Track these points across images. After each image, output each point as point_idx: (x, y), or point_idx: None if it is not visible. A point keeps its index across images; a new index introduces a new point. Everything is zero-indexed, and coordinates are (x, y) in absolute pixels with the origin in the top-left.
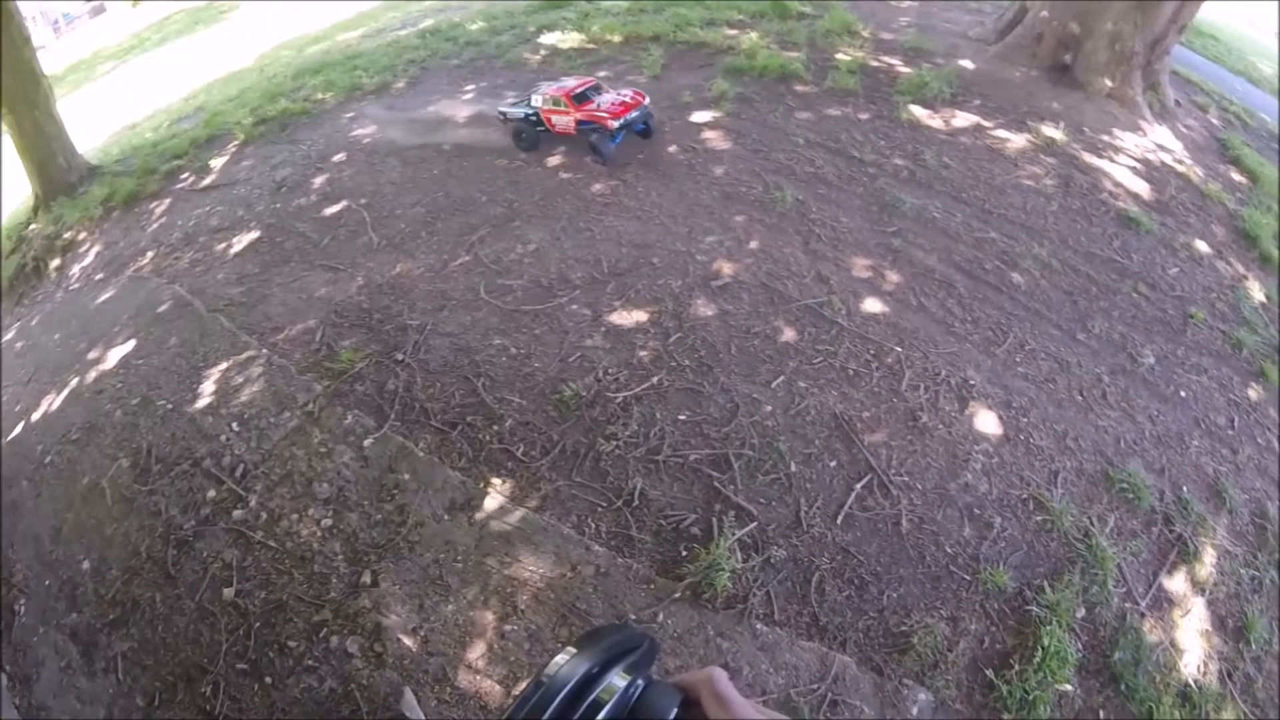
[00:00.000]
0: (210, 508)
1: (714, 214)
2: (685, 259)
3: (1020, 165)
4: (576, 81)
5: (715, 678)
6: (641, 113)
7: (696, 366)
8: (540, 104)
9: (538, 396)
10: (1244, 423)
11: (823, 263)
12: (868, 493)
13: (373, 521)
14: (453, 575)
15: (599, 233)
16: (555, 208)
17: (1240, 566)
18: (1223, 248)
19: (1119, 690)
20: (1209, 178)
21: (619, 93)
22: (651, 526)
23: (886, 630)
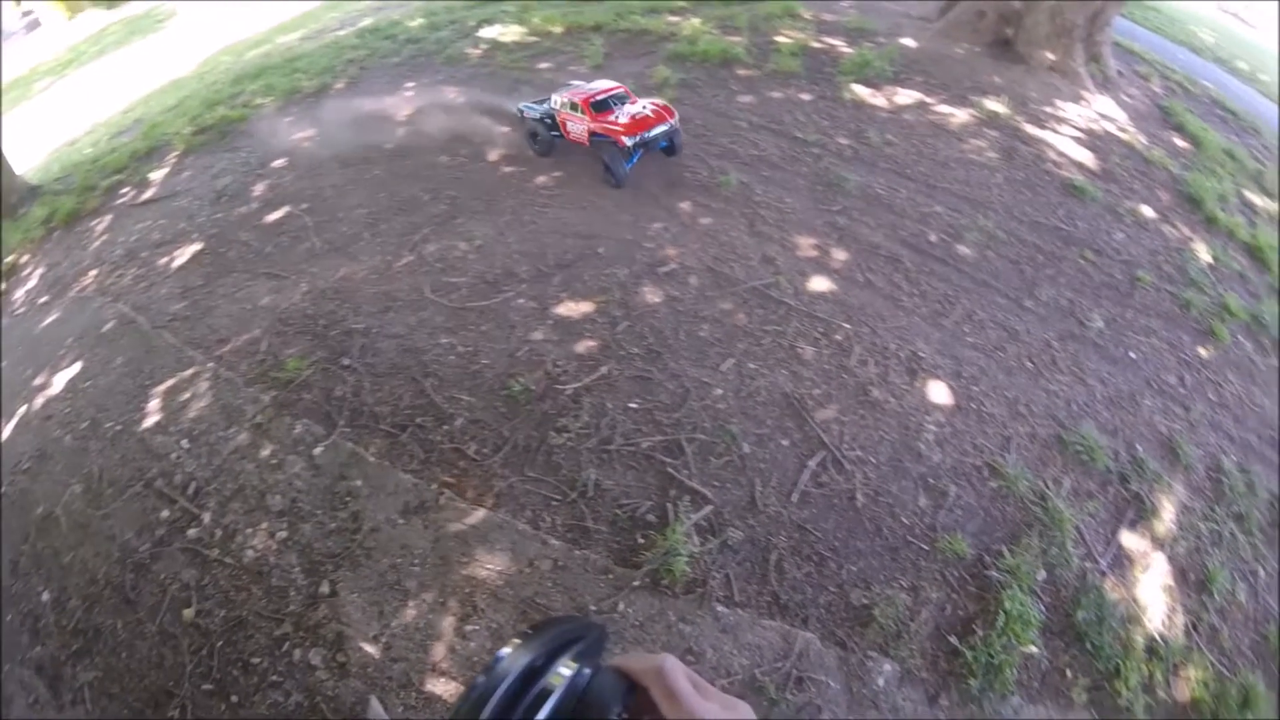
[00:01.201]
0: (165, 528)
1: (659, 201)
2: (631, 247)
3: (964, 139)
4: (602, 87)
5: (664, 671)
6: (666, 129)
7: (645, 354)
8: (557, 106)
9: (487, 393)
10: (1195, 380)
11: (769, 244)
12: (822, 469)
13: (327, 531)
14: (410, 579)
15: (544, 225)
16: (499, 202)
17: (1199, 520)
18: (1168, 212)
19: (1084, 649)
20: (1152, 144)
21: (644, 104)
22: (607, 517)
23: (848, 604)
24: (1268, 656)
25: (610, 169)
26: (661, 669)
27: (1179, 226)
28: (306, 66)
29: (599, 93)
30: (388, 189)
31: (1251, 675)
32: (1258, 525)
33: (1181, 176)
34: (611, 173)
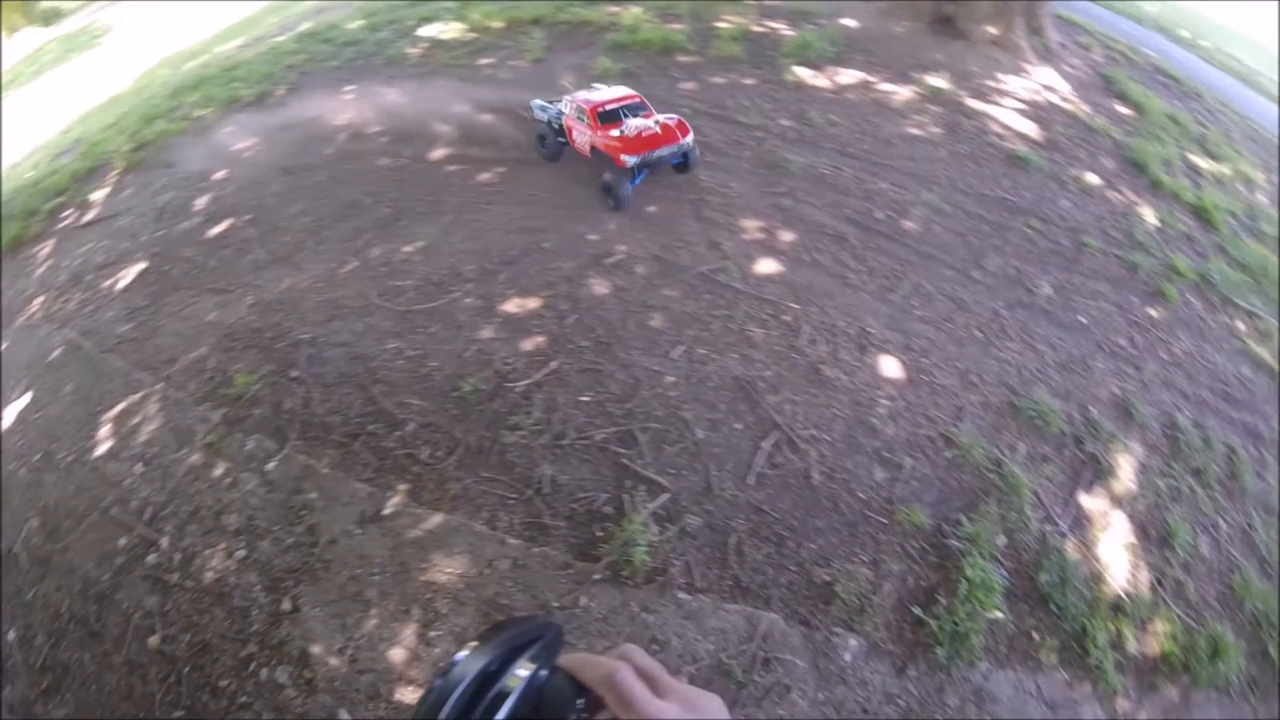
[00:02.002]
0: (124, 556)
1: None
2: (576, 240)
3: (907, 116)
4: (614, 95)
5: (617, 681)
6: (675, 151)
7: (595, 346)
8: (566, 110)
9: (437, 396)
10: (1146, 341)
11: (715, 229)
12: (776, 450)
13: (285, 546)
14: (371, 589)
15: (488, 223)
16: (442, 202)
17: (1157, 477)
18: (1113, 178)
19: (1050, 611)
20: (1096, 113)
21: (655, 120)
22: (564, 512)
23: (809, 582)
24: (1234, 607)
25: (610, 191)
26: (613, 679)
27: (1124, 192)
28: (245, 75)
29: (609, 101)
30: (330, 194)
31: (1219, 626)
32: (1216, 479)
33: (1125, 143)
34: (610, 194)
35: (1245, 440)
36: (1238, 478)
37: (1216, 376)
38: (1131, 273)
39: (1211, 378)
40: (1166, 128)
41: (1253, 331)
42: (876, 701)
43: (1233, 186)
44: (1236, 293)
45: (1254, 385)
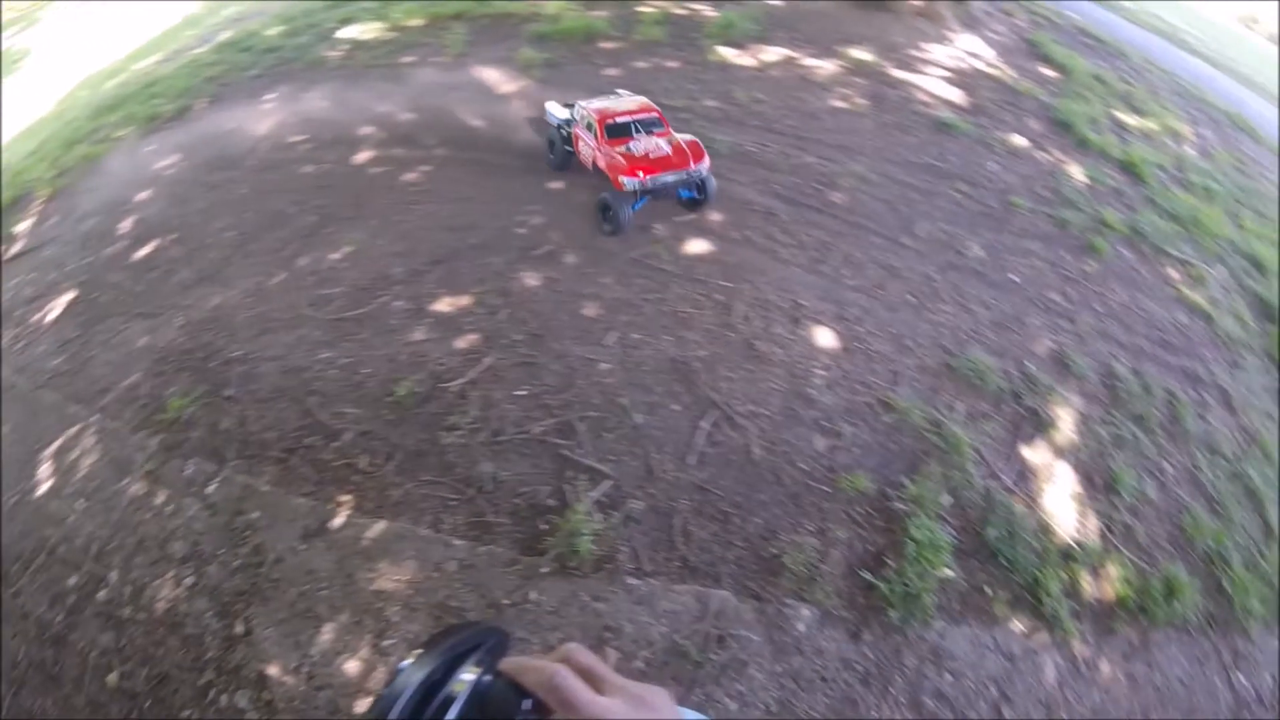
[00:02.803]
0: (75, 595)
1: (529, 182)
2: (504, 234)
3: (832, 90)
4: (629, 106)
5: (557, 684)
6: (684, 177)
7: (528, 339)
8: (576, 117)
9: (372, 403)
10: (1079, 294)
11: (646, 214)
12: (715, 428)
13: (233, 569)
14: (321, 604)
15: (415, 222)
16: (368, 205)
17: (1098, 426)
18: (1040, 138)
19: (1000, 565)
20: (1021, 76)
21: (668, 140)
22: (507, 508)
23: (757, 556)
24: (1186, 546)
25: (607, 212)
26: (552, 681)
27: (1051, 151)
28: (164, 90)
29: (620, 113)
30: (254, 206)
31: (1172, 566)
32: (1158, 424)
33: (1051, 104)
34: (607, 217)
35: (1185, 384)
36: (1179, 421)
37: (1152, 324)
38: (1062, 229)
39: (1147, 326)
40: (1092, 87)
41: (1186, 279)
42: (834, 668)
43: (1160, 140)
44: (1168, 242)
45: (1190, 331)
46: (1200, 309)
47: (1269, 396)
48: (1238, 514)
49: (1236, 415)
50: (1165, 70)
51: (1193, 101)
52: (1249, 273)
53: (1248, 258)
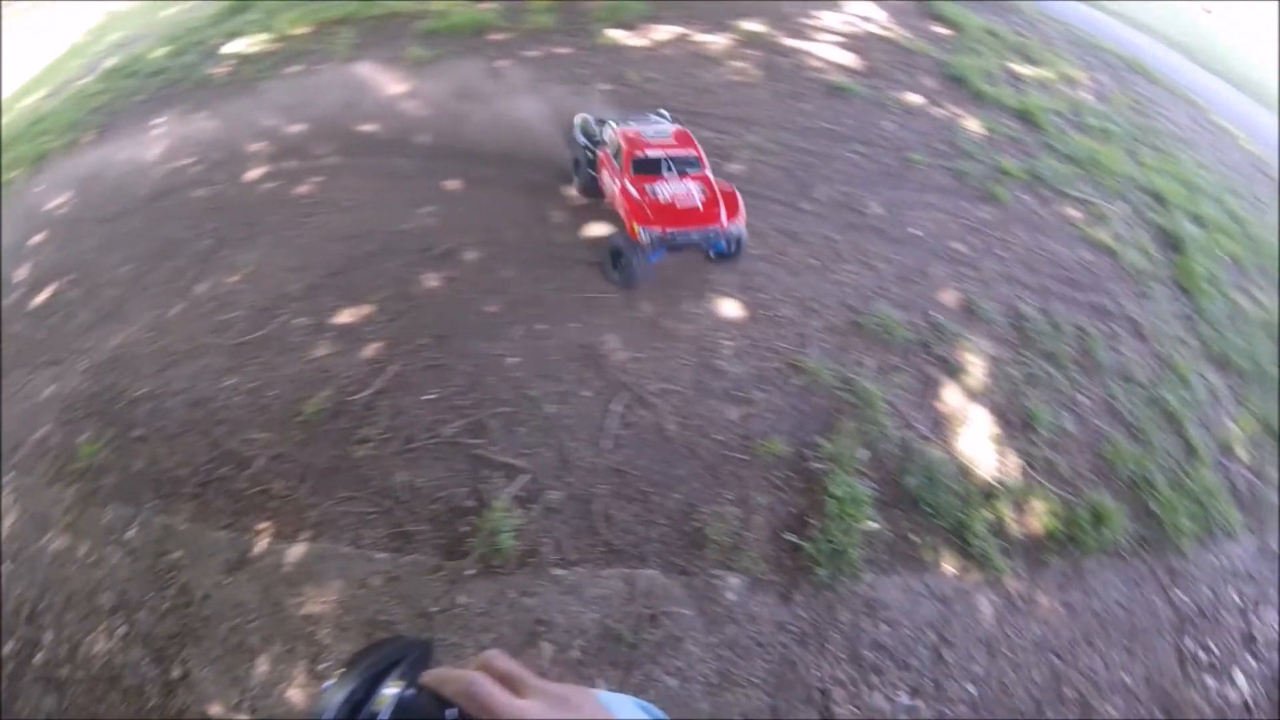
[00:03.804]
0: (13, 662)
1: (424, 183)
2: (402, 237)
3: (724, 63)
4: (664, 139)
5: (475, 692)
6: (714, 235)
7: (433, 342)
8: (606, 139)
9: (281, 425)
10: (981, 242)
11: (540, 202)
12: (627, 410)
13: (162, 613)
14: (254, 636)
15: (310, 236)
16: (262, 223)
17: (1010, 367)
18: (934, 95)
19: (923, 512)
20: (914, 36)
21: (702, 189)
22: (426, 515)
23: (680, 532)
24: (1109, 474)
25: (615, 259)
26: (470, 690)
27: (947, 106)
28: (52, 126)
29: (653, 145)
30: (148, 237)
31: (1098, 495)
32: (1069, 359)
33: (945, 60)
34: (617, 264)
35: (1094, 318)
36: (1091, 354)
37: (1057, 264)
38: (960, 180)
39: (1052, 266)
40: (985, 41)
41: (1088, 218)
42: (769, 633)
43: (1056, 88)
44: (1068, 184)
45: (1095, 267)
46: (1104, 245)
47: (1179, 322)
48: (1158, 437)
49: (1148, 343)
50: (1059, 20)
51: (1088, 49)
52: (1151, 207)
53: (1149, 192)
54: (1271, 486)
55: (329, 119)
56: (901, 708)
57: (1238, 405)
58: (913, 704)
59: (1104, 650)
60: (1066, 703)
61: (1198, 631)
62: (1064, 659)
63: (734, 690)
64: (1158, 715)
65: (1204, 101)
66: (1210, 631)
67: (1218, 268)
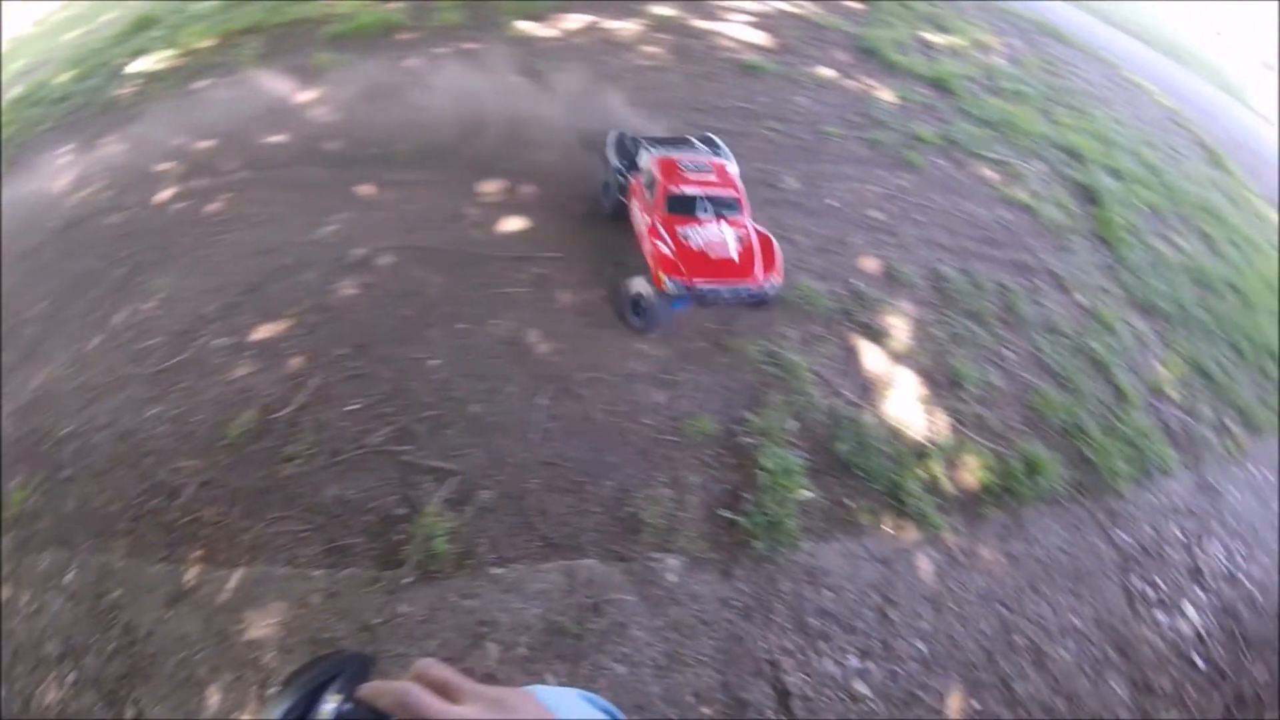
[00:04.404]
0: None
1: (336, 190)
2: (316, 247)
3: (636, 49)
4: (705, 175)
5: (409, 701)
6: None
7: (353, 351)
8: (642, 165)
9: (207, 450)
10: (899, 209)
11: (455, 200)
12: (554, 402)
13: (108, 654)
14: (202, 668)
15: (224, 254)
16: (175, 245)
17: (933, 328)
18: (847, 68)
19: (856, 476)
20: (826, 11)
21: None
22: (359, 527)
23: (615, 519)
24: (1040, 424)
25: (636, 305)
26: (404, 700)
27: (859, 79)
28: None
29: (692, 180)
30: (62, 270)
31: (1030, 445)
32: (993, 315)
33: (857, 34)
34: (637, 309)
35: (1014, 274)
36: (1014, 309)
37: (975, 225)
38: (876, 150)
39: (970, 227)
40: (897, 13)
41: (1004, 178)
42: (713, 610)
43: (968, 54)
44: (983, 146)
45: (1013, 224)
46: (1022, 203)
47: (1100, 272)
48: (1086, 385)
49: (1070, 294)
50: None
51: (999, 15)
52: (1067, 163)
53: (1065, 150)
54: (1204, 423)
55: (238, 132)
56: (852, 671)
57: (1165, 348)
58: (863, 666)
59: (1050, 596)
60: (1018, 650)
61: (1143, 569)
62: (1011, 608)
63: (683, 670)
64: (1111, 654)
65: (1118, 60)
66: (1155, 568)
67: (1137, 217)
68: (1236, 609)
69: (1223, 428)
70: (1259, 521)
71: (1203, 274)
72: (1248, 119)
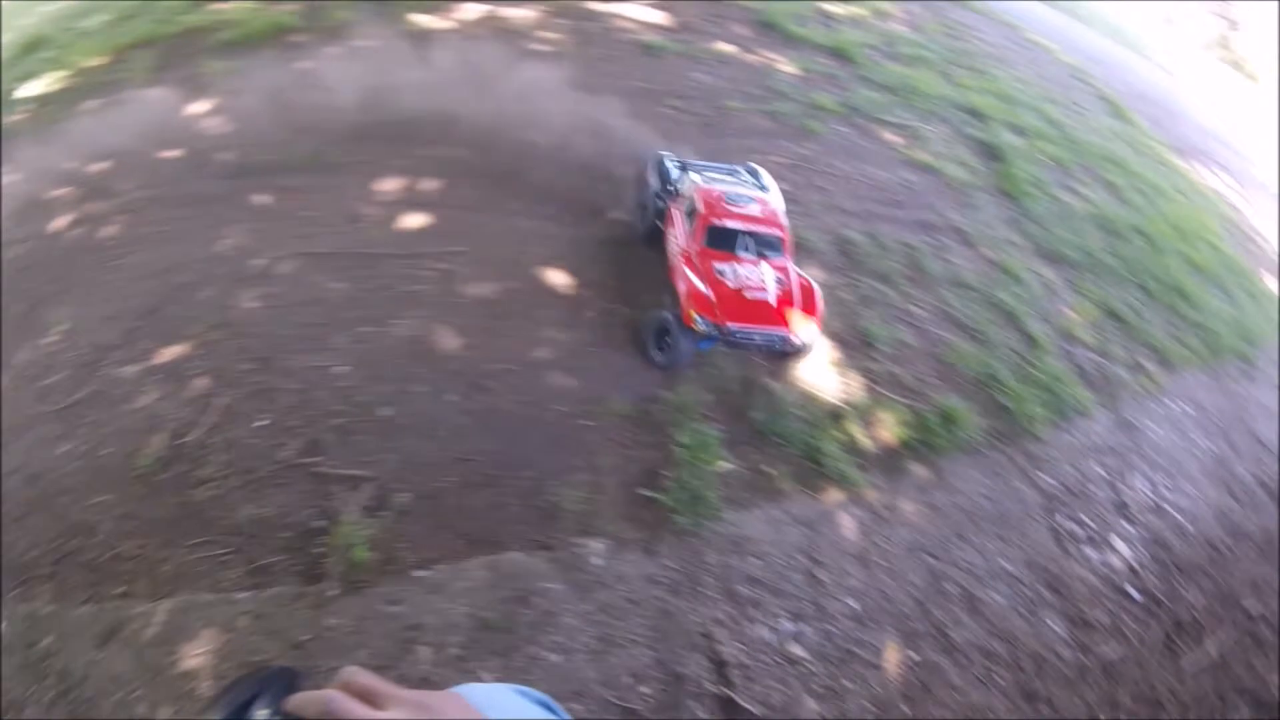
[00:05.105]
0: None
1: (233, 202)
2: (213, 262)
3: (534, 35)
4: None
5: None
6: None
7: (257, 365)
8: (683, 191)
9: (120, 483)
10: (802, 178)
11: (352, 202)
12: (464, 397)
13: (47, 703)
14: (140, 705)
15: (122, 279)
16: (72, 274)
17: (841, 292)
18: (747, 42)
19: (773, 443)
20: None
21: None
22: (279, 545)
23: (535, 509)
24: (953, 377)
25: (661, 336)
26: (328, 708)
27: (760, 52)
28: None
29: (736, 214)
30: None
31: (945, 398)
32: (900, 275)
33: (755, 8)
34: (661, 343)
35: (920, 234)
36: (921, 268)
37: (879, 188)
38: (778, 121)
39: (874, 191)
40: None
41: (907, 141)
42: (641, 589)
43: (868, 23)
44: (884, 111)
45: (917, 186)
46: (925, 165)
47: (1006, 226)
48: (997, 335)
49: (977, 249)
50: None
51: None
52: (969, 123)
53: (966, 110)
54: (1118, 363)
55: (131, 151)
56: (786, 634)
57: (1075, 294)
58: (796, 628)
59: (978, 542)
60: (950, 598)
61: (1068, 508)
62: (939, 557)
63: (617, 652)
64: (1044, 593)
65: (1019, 21)
66: (1081, 506)
67: (1041, 171)
68: (1166, 538)
69: (1137, 366)
70: (1180, 453)
71: (1109, 221)
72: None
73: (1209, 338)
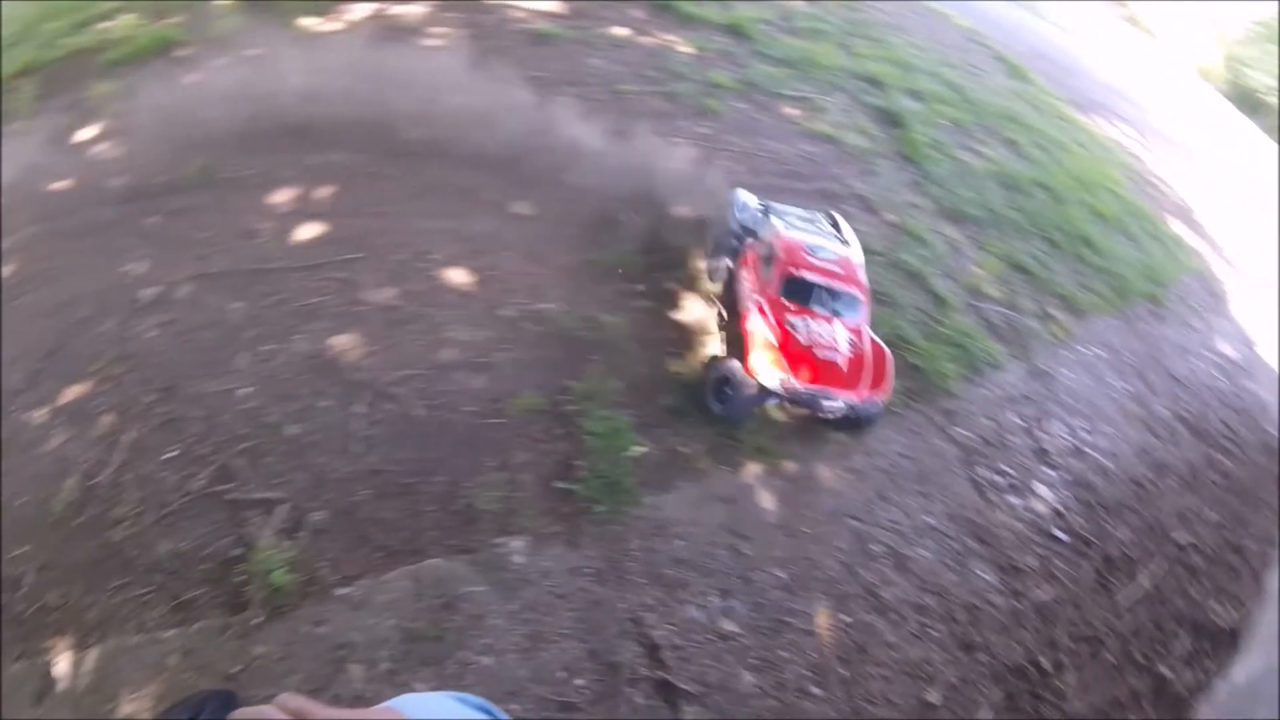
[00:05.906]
0: None
1: (125, 228)
2: (110, 292)
3: (425, 31)
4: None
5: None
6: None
7: (161, 396)
8: (762, 237)
9: (37, 532)
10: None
11: (245, 217)
12: (370, 409)
13: None
14: None
15: (21, 320)
16: None
17: None
18: (643, 25)
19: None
20: None
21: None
22: (198, 577)
23: (451, 513)
24: None
25: (721, 387)
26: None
27: (655, 34)
28: None
29: (816, 266)
30: None
31: None
32: None
33: None
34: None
35: (822, 203)
36: None
37: (779, 161)
38: (674, 102)
39: (774, 164)
40: None
41: (806, 113)
42: (566, 582)
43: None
44: (782, 85)
45: (817, 156)
46: (825, 135)
47: (908, 189)
48: (903, 296)
49: (879, 214)
50: None
51: None
52: (868, 92)
53: (865, 79)
54: (1027, 314)
55: (19, 185)
56: (716, 611)
57: (980, 250)
58: (726, 604)
59: (900, 501)
60: (877, 558)
61: (987, 459)
62: (863, 519)
63: (548, 648)
64: (971, 544)
65: None
66: (1000, 456)
67: (940, 134)
68: (1089, 479)
69: (1046, 315)
70: (1096, 396)
71: (1010, 178)
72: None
73: (1117, 282)
